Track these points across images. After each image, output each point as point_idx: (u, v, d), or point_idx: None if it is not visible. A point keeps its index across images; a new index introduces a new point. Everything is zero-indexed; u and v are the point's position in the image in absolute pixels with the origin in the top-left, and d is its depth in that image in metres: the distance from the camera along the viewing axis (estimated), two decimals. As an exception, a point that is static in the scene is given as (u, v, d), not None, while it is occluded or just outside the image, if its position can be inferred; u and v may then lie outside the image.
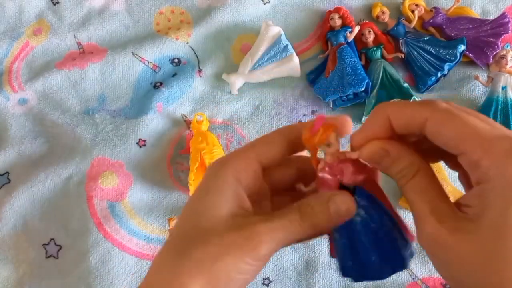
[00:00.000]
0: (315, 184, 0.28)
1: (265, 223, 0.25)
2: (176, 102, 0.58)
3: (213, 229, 0.25)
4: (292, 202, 0.27)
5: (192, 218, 0.26)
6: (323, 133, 0.26)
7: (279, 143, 0.28)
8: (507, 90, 0.55)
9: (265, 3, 0.63)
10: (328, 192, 0.27)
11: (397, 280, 0.51)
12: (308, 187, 0.28)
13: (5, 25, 0.63)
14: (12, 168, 0.56)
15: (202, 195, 0.27)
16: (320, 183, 0.27)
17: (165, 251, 0.27)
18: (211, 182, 0.27)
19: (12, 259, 0.52)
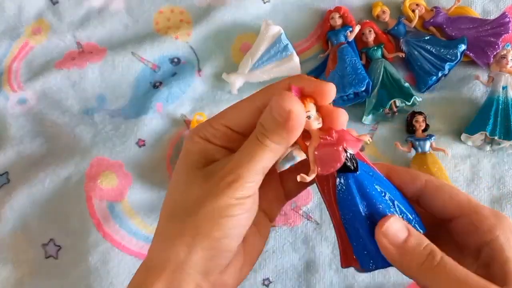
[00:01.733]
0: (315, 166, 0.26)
1: (231, 161, 0.27)
2: (176, 102, 0.58)
3: (192, 185, 0.27)
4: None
5: (173, 182, 0.29)
6: (304, 102, 0.25)
7: (248, 110, 0.29)
8: (507, 90, 0.55)
9: (265, 2, 0.63)
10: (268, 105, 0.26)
11: (397, 280, 0.51)
12: (311, 173, 0.26)
13: (5, 25, 0.63)
14: (11, 168, 0.56)
15: (179, 162, 0.30)
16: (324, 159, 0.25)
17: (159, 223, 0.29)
18: (185, 149, 0.30)
19: (11, 259, 0.52)
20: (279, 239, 0.53)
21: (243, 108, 0.29)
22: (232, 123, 0.29)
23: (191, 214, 0.26)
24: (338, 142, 0.25)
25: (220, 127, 0.29)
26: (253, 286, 0.51)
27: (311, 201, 0.54)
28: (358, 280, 0.51)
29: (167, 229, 0.27)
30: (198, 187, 0.27)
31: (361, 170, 0.26)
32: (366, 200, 0.25)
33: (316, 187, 0.54)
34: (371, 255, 0.26)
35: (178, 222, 0.26)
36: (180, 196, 0.28)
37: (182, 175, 0.29)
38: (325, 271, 0.52)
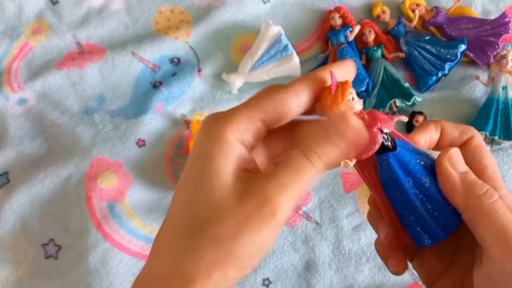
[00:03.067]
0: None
1: (272, 182, 0.22)
2: (176, 101, 0.58)
3: (222, 203, 0.22)
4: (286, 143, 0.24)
5: (197, 191, 0.23)
6: (344, 87, 0.24)
7: (288, 103, 0.24)
8: (507, 90, 0.55)
9: (265, 2, 0.63)
10: (327, 120, 0.24)
11: (398, 280, 0.51)
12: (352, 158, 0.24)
13: (5, 25, 0.63)
14: (11, 168, 0.56)
15: (203, 163, 0.23)
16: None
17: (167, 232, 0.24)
18: (212, 146, 0.23)
19: (11, 259, 0.52)
20: (279, 239, 0.53)
21: (279, 97, 0.24)
22: (268, 117, 0.24)
23: (224, 243, 0.22)
24: (371, 123, 0.24)
25: (257, 122, 0.24)
26: (253, 286, 0.51)
27: (311, 201, 0.54)
28: (358, 280, 0.51)
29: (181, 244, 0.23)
30: (234, 208, 0.22)
31: (400, 147, 0.25)
32: (410, 176, 0.25)
33: (316, 185, 0.54)
34: (426, 230, 0.25)
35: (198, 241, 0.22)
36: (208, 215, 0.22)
37: (214, 190, 0.23)
38: (325, 271, 0.52)
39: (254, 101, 0.24)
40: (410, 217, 0.25)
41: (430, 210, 0.25)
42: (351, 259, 0.52)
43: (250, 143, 0.24)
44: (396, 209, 0.26)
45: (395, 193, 0.25)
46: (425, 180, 0.25)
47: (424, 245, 0.26)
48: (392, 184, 0.25)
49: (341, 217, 0.53)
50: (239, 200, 0.22)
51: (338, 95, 0.24)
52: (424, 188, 0.25)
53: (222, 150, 0.23)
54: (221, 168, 0.23)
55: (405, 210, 0.25)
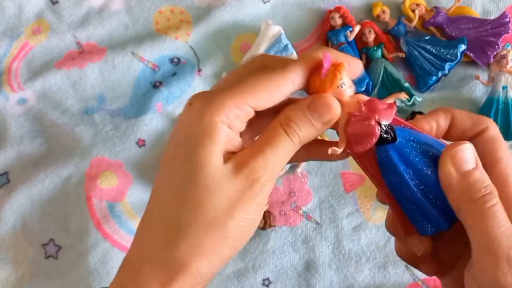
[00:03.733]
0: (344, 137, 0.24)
1: (258, 160, 0.23)
2: (176, 101, 0.58)
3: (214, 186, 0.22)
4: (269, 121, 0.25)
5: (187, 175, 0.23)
6: (334, 72, 0.23)
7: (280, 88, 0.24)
8: (507, 90, 0.55)
9: (265, 2, 0.63)
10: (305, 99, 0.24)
11: (398, 280, 0.51)
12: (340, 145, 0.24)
13: (5, 25, 0.63)
14: (11, 168, 0.56)
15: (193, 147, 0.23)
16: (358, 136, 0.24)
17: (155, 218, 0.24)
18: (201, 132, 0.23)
19: (11, 260, 0.52)
20: (279, 239, 0.53)
21: (274, 85, 0.24)
22: (260, 103, 0.24)
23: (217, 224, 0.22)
24: (369, 115, 0.24)
25: (246, 108, 0.23)
26: (253, 286, 0.51)
27: (311, 201, 0.54)
28: (358, 280, 0.51)
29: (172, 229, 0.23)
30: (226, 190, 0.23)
31: (400, 138, 0.24)
32: (411, 167, 0.24)
33: (316, 185, 0.54)
34: (428, 219, 0.25)
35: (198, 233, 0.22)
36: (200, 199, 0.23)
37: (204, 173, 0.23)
38: (325, 271, 0.52)
39: (244, 85, 0.24)
40: (412, 206, 0.25)
41: (432, 200, 0.24)
42: (351, 259, 0.52)
43: (239, 126, 0.24)
44: (398, 199, 0.25)
45: (395, 184, 0.25)
46: (427, 170, 0.24)
47: (427, 233, 0.25)
48: (392, 175, 0.25)
49: (341, 217, 0.53)
50: (229, 181, 0.23)
51: (326, 81, 0.24)
52: (425, 178, 0.24)
53: (212, 135, 0.23)
54: (212, 153, 0.23)
55: (406, 201, 0.25)
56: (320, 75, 0.24)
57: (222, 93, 0.24)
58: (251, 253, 0.52)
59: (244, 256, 0.52)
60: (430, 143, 0.25)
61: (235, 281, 0.51)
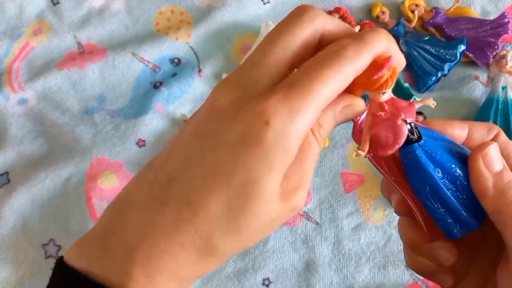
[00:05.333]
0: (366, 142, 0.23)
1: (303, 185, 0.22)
2: (176, 102, 0.58)
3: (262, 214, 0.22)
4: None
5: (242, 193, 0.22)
6: (389, 80, 0.21)
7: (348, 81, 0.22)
8: (507, 90, 0.55)
9: (265, 3, 0.63)
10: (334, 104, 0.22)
11: (398, 280, 0.51)
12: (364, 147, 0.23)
13: (5, 25, 0.63)
14: (11, 168, 0.56)
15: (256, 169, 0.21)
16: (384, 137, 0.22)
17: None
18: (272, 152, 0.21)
19: (11, 260, 0.52)
20: (279, 239, 0.53)
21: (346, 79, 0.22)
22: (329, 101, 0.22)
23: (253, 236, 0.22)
24: (395, 114, 0.22)
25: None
26: (253, 286, 0.51)
27: (311, 201, 0.54)
28: (358, 280, 0.51)
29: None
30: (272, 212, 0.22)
31: (425, 136, 0.23)
32: (439, 166, 0.23)
33: (316, 185, 0.54)
34: (457, 220, 0.23)
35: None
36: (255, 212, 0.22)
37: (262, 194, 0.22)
38: (325, 271, 0.52)
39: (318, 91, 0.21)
40: (441, 209, 0.23)
41: (462, 199, 0.23)
42: (351, 259, 0.52)
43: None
44: (423, 202, 0.24)
45: (423, 186, 0.23)
46: (455, 169, 0.23)
47: (456, 236, 0.24)
48: (420, 178, 0.23)
49: (341, 217, 0.53)
50: (278, 207, 0.22)
51: (375, 83, 0.22)
52: (454, 177, 0.23)
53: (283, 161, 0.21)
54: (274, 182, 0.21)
55: (435, 203, 0.23)
56: (369, 73, 0.21)
57: (300, 108, 0.20)
58: (251, 253, 0.52)
59: (244, 256, 0.52)
60: (451, 141, 0.24)
61: (235, 281, 0.51)
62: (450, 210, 0.23)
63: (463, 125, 0.26)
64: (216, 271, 0.52)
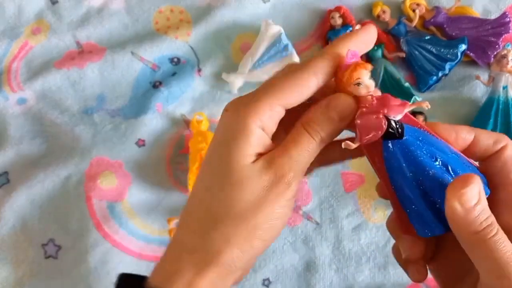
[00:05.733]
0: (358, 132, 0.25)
1: (284, 158, 0.25)
2: (176, 101, 0.58)
3: (243, 182, 0.24)
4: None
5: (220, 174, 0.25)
6: (353, 70, 0.24)
7: (310, 86, 0.25)
8: (508, 89, 0.55)
9: (265, 2, 0.62)
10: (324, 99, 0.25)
11: (398, 280, 0.51)
12: (356, 141, 0.25)
13: (4, 25, 0.63)
14: (11, 168, 0.56)
15: (227, 149, 0.25)
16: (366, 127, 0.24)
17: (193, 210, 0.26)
18: (235, 135, 0.25)
19: (11, 260, 0.52)
20: (279, 239, 0.53)
21: (298, 80, 0.25)
22: (288, 101, 0.25)
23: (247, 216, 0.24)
24: (378, 109, 0.24)
25: (276, 108, 0.25)
26: (253, 286, 0.51)
27: (311, 201, 0.54)
28: (358, 280, 0.51)
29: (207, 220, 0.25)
30: (254, 185, 0.24)
31: (408, 136, 0.25)
32: (413, 167, 0.24)
33: (316, 185, 0.54)
34: (425, 221, 0.25)
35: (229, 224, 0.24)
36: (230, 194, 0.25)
37: (235, 171, 0.25)
38: (325, 271, 0.51)
39: (274, 86, 0.25)
40: (411, 205, 0.25)
41: (431, 202, 0.24)
42: (351, 259, 0.52)
43: (271, 127, 0.26)
44: (398, 195, 0.26)
45: (397, 180, 0.25)
46: (428, 172, 0.24)
47: (423, 235, 0.25)
48: (395, 172, 0.25)
49: (341, 217, 0.53)
50: (258, 178, 0.25)
51: (343, 77, 0.25)
52: (426, 180, 0.24)
53: (246, 137, 0.25)
54: (244, 154, 0.25)
55: (406, 199, 0.25)
56: (339, 72, 0.25)
57: (254, 97, 0.25)
58: (251, 253, 0.52)
59: (244, 256, 0.52)
60: (441, 148, 0.25)
61: (235, 281, 0.51)
62: (418, 210, 0.25)
63: (469, 130, 0.27)
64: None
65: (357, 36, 0.27)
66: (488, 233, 0.23)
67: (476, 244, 0.23)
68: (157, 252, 0.52)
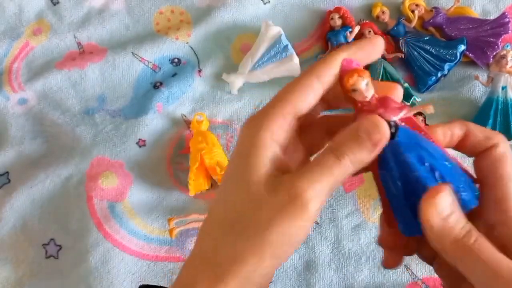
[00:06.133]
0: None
1: (304, 177, 0.24)
2: (176, 102, 0.58)
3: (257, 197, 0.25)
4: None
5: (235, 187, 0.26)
6: (349, 77, 0.25)
7: (316, 90, 0.26)
8: (507, 90, 0.55)
9: (265, 3, 0.63)
10: (355, 122, 0.25)
11: (397, 280, 0.51)
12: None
13: (5, 25, 0.63)
14: (12, 168, 0.56)
15: (241, 162, 0.26)
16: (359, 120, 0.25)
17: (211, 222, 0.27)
18: (249, 147, 0.25)
19: (11, 259, 0.52)
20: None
21: (303, 86, 0.26)
22: (297, 108, 0.26)
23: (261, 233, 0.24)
24: (375, 108, 0.25)
25: (288, 117, 0.25)
26: (253, 285, 0.52)
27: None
28: (358, 279, 0.51)
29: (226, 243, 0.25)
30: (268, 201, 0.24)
31: (402, 138, 0.25)
32: (401, 168, 0.25)
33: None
34: (406, 221, 0.26)
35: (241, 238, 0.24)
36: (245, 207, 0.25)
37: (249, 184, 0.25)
38: (325, 271, 0.52)
39: (280, 96, 0.26)
40: (396, 203, 0.26)
41: (414, 204, 0.25)
42: (350, 258, 0.52)
43: (285, 138, 0.26)
44: (386, 193, 0.27)
45: (385, 179, 0.26)
46: (413, 175, 0.25)
47: (406, 234, 0.26)
48: (384, 171, 0.26)
49: (341, 217, 0.53)
50: (273, 194, 0.24)
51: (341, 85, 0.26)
52: (410, 182, 0.25)
53: (258, 150, 0.25)
54: (257, 166, 0.25)
55: (392, 196, 0.26)
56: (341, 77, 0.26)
57: (266, 108, 0.26)
58: (251, 253, 0.52)
59: (244, 256, 0.52)
60: (433, 153, 0.26)
61: (235, 280, 0.52)
62: (400, 209, 0.26)
63: (462, 124, 0.27)
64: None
65: (362, 47, 0.27)
66: (470, 239, 0.23)
67: (461, 252, 0.23)
68: (158, 252, 0.52)
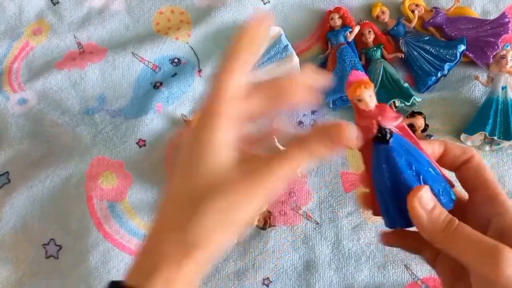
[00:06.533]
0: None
1: (268, 165, 0.26)
2: (176, 102, 0.58)
3: (223, 176, 0.26)
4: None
5: (198, 163, 0.26)
6: (356, 88, 0.28)
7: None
8: (507, 90, 0.55)
9: (265, 3, 0.63)
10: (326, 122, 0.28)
11: (397, 280, 0.51)
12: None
13: (5, 25, 0.63)
14: (12, 168, 0.56)
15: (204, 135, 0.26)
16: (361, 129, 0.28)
17: (170, 201, 0.27)
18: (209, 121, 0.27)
19: (11, 259, 0.52)
20: (279, 239, 0.53)
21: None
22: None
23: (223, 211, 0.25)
24: (373, 115, 0.28)
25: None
26: (253, 285, 0.52)
27: (311, 201, 0.54)
28: (358, 279, 0.51)
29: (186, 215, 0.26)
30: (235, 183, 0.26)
31: (395, 144, 0.29)
32: (391, 170, 0.29)
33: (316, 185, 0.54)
34: (391, 216, 0.29)
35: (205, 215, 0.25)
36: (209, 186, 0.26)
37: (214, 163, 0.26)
38: (325, 271, 0.52)
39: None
40: (383, 199, 0.29)
41: (398, 200, 0.28)
42: (350, 258, 0.52)
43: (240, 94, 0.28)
44: (376, 189, 0.30)
45: (375, 178, 0.30)
46: (401, 176, 0.28)
47: (389, 226, 0.30)
48: (376, 171, 0.29)
49: (341, 217, 0.53)
50: (241, 178, 0.26)
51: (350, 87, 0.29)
52: (398, 182, 0.28)
53: (219, 124, 0.26)
54: (220, 142, 0.26)
55: (380, 193, 0.30)
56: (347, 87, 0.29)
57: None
58: (251, 253, 0.52)
59: (244, 255, 0.52)
60: (420, 160, 0.29)
61: (235, 280, 0.52)
62: (387, 204, 0.29)
63: (441, 142, 0.31)
64: (216, 270, 0.52)
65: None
66: (453, 225, 0.27)
67: (449, 237, 0.27)
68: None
